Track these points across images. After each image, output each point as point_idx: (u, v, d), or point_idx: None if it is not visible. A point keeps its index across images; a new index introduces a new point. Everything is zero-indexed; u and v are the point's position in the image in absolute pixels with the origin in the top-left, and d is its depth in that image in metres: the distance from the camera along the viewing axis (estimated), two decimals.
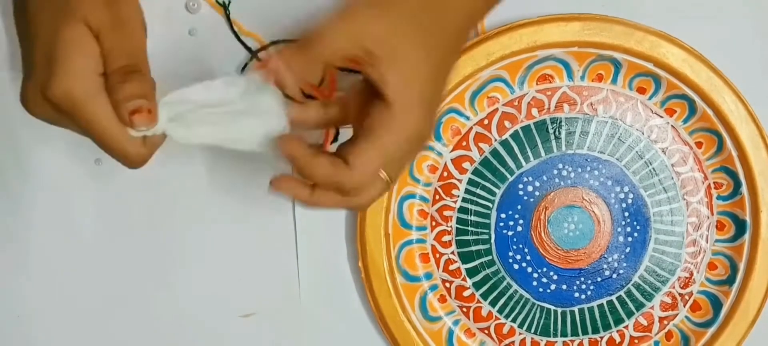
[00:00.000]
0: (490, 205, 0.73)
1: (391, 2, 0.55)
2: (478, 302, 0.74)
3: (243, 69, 0.71)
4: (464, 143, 0.72)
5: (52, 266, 0.73)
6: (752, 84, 0.71)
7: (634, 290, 0.74)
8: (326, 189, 0.57)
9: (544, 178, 0.73)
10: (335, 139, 0.73)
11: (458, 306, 0.74)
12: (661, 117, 0.72)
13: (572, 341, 0.74)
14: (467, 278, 0.74)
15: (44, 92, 0.54)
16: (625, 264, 0.73)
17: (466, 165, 0.73)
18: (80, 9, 0.55)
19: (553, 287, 0.74)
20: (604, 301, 0.74)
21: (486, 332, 0.74)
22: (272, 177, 0.58)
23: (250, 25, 0.71)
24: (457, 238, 0.73)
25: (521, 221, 0.73)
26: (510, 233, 0.73)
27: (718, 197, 0.73)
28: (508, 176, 0.73)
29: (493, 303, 0.74)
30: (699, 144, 0.73)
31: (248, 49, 0.71)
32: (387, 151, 0.56)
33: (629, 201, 0.73)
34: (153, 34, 0.61)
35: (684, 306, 0.74)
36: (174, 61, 0.69)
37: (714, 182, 0.73)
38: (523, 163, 0.73)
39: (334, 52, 0.55)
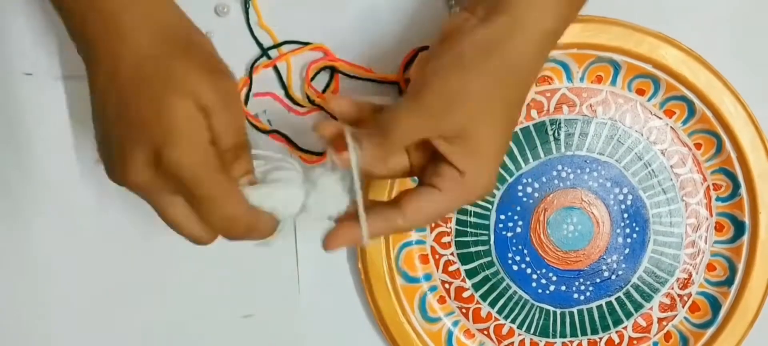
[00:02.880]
0: (489, 206, 0.73)
1: (466, 81, 0.56)
2: (478, 303, 0.74)
3: (253, 65, 0.71)
4: None
5: (52, 266, 0.73)
6: (751, 86, 0.71)
7: (633, 291, 0.74)
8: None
9: (544, 179, 0.73)
10: None
11: (458, 307, 0.74)
12: (660, 118, 0.73)
13: (571, 342, 0.74)
14: (466, 279, 0.74)
15: (160, 159, 0.52)
16: (624, 265, 0.73)
17: None
18: (187, 84, 0.53)
19: (552, 288, 0.74)
20: (603, 302, 0.74)
21: (485, 333, 0.74)
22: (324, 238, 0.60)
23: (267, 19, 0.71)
24: (457, 239, 0.73)
25: (520, 223, 0.73)
26: (509, 235, 0.73)
27: (717, 199, 0.73)
28: (508, 177, 0.73)
29: (492, 304, 0.74)
30: (698, 145, 0.73)
31: (260, 46, 0.71)
32: (450, 207, 0.59)
33: (628, 202, 0.73)
34: None
35: (683, 307, 0.74)
36: None
37: (713, 184, 0.73)
38: (523, 164, 0.73)
39: (409, 140, 0.58)
